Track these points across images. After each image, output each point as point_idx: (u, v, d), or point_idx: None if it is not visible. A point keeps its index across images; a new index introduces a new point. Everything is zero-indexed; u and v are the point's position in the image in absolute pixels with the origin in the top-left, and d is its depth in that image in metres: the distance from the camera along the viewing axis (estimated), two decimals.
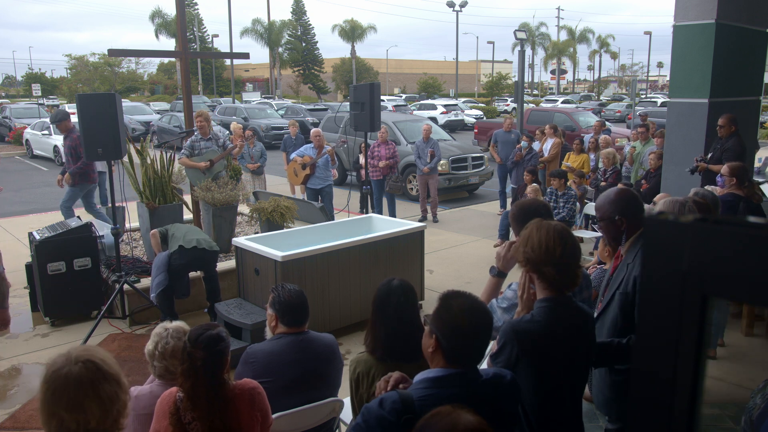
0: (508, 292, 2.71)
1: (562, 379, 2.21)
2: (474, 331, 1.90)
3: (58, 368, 1.65)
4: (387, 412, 1.79)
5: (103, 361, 1.71)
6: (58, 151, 17.96)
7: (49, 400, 1.61)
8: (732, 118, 6.40)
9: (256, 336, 4.80)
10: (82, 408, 1.60)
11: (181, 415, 2.35)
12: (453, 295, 1.97)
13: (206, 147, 7.20)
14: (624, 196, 2.77)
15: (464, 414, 1.47)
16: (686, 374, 0.63)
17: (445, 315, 1.92)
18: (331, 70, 63.38)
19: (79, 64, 48.51)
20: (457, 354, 1.90)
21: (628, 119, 26.46)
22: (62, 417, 1.60)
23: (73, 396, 1.60)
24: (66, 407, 1.60)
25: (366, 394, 2.45)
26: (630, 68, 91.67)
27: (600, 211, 2.78)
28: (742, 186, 5.13)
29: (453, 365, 1.89)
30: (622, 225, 2.70)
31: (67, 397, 1.60)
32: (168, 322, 2.82)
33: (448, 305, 1.93)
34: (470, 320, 1.89)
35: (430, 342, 1.94)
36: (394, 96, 48.52)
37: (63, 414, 1.60)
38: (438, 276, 7.23)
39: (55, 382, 1.62)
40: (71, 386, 1.61)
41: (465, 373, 1.89)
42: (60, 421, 1.60)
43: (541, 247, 2.14)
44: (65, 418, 1.60)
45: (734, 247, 0.59)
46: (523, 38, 19.56)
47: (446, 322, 1.90)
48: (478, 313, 1.92)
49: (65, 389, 1.61)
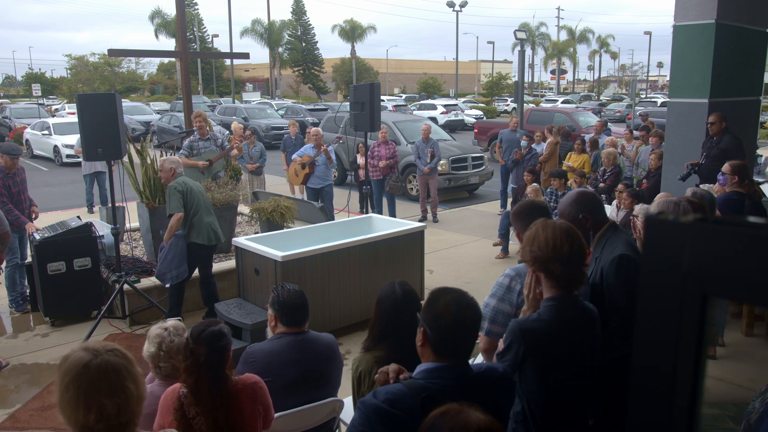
0: (501, 278, 2.73)
1: (569, 377, 2.21)
2: (459, 325, 1.90)
3: (89, 360, 1.69)
4: (381, 402, 1.81)
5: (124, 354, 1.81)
6: (58, 152, 17.99)
7: (87, 391, 1.66)
8: (722, 116, 6.42)
9: (256, 336, 4.80)
10: (123, 390, 1.68)
11: (186, 410, 2.39)
12: (442, 291, 1.98)
13: (205, 147, 7.21)
14: (584, 195, 2.89)
15: (474, 412, 1.46)
16: (686, 374, 0.63)
17: (432, 309, 1.93)
18: (331, 70, 63.38)
19: (79, 64, 48.52)
20: (444, 347, 1.90)
21: (628, 119, 26.46)
22: (103, 404, 1.65)
23: (115, 381, 1.68)
24: (108, 393, 1.66)
25: (368, 393, 2.45)
26: (630, 68, 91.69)
27: (564, 214, 2.85)
28: (743, 184, 5.15)
29: (441, 358, 1.90)
30: (587, 222, 2.80)
31: (108, 383, 1.67)
32: (163, 322, 2.84)
33: (435, 299, 1.95)
34: (456, 313, 1.89)
35: (420, 335, 1.96)
36: (394, 96, 48.52)
37: (104, 401, 1.66)
38: (438, 276, 7.23)
39: (90, 373, 1.67)
40: (111, 373, 1.68)
41: (454, 366, 1.90)
42: (100, 409, 1.65)
43: (548, 246, 2.14)
44: (107, 404, 1.66)
45: (734, 247, 0.59)
46: (523, 38, 19.58)
47: (433, 316, 1.91)
48: (464, 307, 1.92)
49: (106, 376, 1.67)
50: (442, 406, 1.51)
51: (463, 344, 1.94)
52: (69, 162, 16.99)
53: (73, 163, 16.22)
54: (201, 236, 5.48)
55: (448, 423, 1.46)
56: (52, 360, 5.16)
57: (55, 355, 5.23)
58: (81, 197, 11.30)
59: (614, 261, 2.65)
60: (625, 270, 2.63)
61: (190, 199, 5.43)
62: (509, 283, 2.69)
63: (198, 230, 5.47)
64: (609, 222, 2.86)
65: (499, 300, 2.68)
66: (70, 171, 16.04)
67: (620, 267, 2.63)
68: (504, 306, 2.67)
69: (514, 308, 2.65)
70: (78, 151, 10.42)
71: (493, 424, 1.44)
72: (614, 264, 2.65)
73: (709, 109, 6.72)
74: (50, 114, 28.04)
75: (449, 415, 1.47)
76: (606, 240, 2.77)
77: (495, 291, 2.72)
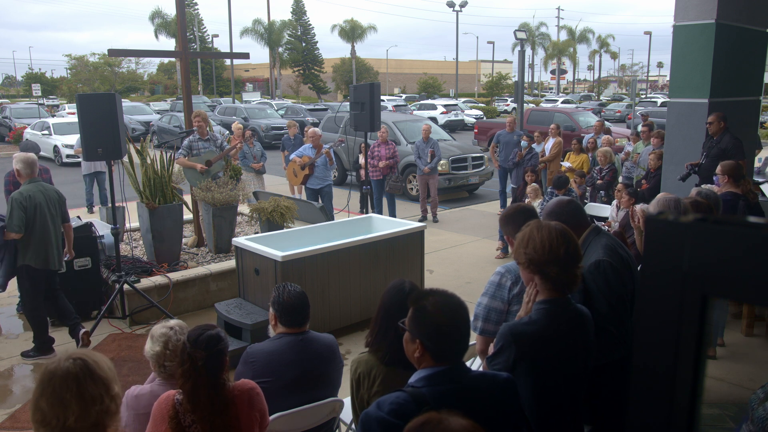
0: (492, 276, 2.74)
1: (561, 381, 2.19)
2: (456, 326, 1.89)
3: (51, 363, 1.69)
4: (386, 413, 1.77)
5: (95, 363, 1.73)
6: (58, 151, 17.99)
7: (36, 393, 1.65)
8: (721, 116, 6.42)
9: (256, 336, 4.80)
10: (62, 403, 1.63)
11: (181, 418, 2.34)
12: (423, 296, 1.95)
13: (204, 147, 7.20)
14: (560, 202, 2.87)
15: (454, 418, 1.42)
16: (686, 374, 0.63)
17: (423, 318, 1.90)
18: (331, 70, 63.38)
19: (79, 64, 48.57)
20: (444, 351, 1.89)
21: (628, 119, 26.47)
22: (44, 410, 1.62)
23: (58, 390, 1.63)
24: (48, 401, 1.62)
25: (367, 394, 2.44)
26: (630, 68, 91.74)
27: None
28: (737, 184, 5.15)
29: (440, 363, 1.89)
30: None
31: (51, 391, 1.63)
32: (166, 321, 2.82)
33: (422, 307, 1.91)
34: (450, 316, 1.89)
35: (414, 347, 1.92)
36: (394, 96, 48.50)
37: (44, 407, 1.62)
38: (438, 276, 7.23)
39: (43, 376, 1.66)
40: (56, 380, 1.64)
41: (453, 369, 1.89)
42: (42, 415, 1.62)
43: (544, 247, 2.12)
44: (46, 412, 1.62)
45: (734, 247, 0.59)
46: (523, 38, 19.57)
47: (427, 325, 1.89)
48: (454, 308, 1.91)
49: (50, 383, 1.64)
50: (421, 416, 1.44)
51: (461, 345, 1.93)
52: (69, 162, 17.00)
53: (72, 163, 16.23)
54: (38, 258, 4.93)
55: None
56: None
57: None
58: (81, 197, 11.30)
59: (591, 267, 2.64)
60: (602, 275, 2.62)
61: (34, 215, 4.90)
62: (499, 279, 2.70)
63: (35, 251, 4.94)
64: (591, 226, 2.85)
65: (490, 297, 2.69)
66: (70, 171, 16.04)
67: (597, 273, 2.62)
68: (496, 303, 2.68)
69: (505, 304, 2.67)
70: (78, 151, 10.42)
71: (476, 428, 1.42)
72: (591, 270, 2.63)
73: (709, 109, 6.71)
74: (50, 114, 28.02)
75: (431, 424, 1.42)
76: (588, 244, 2.75)
77: (486, 289, 2.73)
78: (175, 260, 6.71)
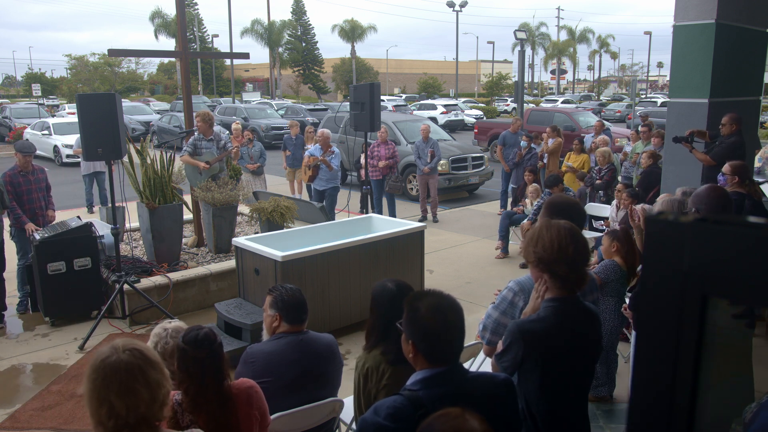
0: (505, 291, 2.71)
1: (568, 379, 2.20)
2: (447, 328, 1.88)
3: (107, 357, 1.70)
4: (383, 418, 1.78)
5: (147, 349, 1.78)
6: (58, 151, 17.99)
7: (100, 387, 1.66)
8: (734, 118, 6.39)
9: (256, 336, 4.80)
10: (132, 392, 1.67)
11: (179, 418, 2.34)
12: (418, 297, 1.95)
13: (207, 147, 7.21)
14: (552, 201, 2.86)
15: (471, 419, 1.46)
16: (686, 374, 0.63)
17: (415, 319, 1.90)
18: (331, 70, 63.36)
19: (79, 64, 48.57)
20: (436, 353, 1.89)
21: (628, 119, 26.46)
22: (113, 403, 1.65)
23: (125, 381, 1.67)
24: (117, 393, 1.65)
25: (375, 389, 2.43)
26: (630, 68, 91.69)
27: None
28: (743, 184, 5.15)
29: (435, 365, 1.88)
30: None
31: (118, 383, 1.66)
32: (167, 322, 2.82)
33: (415, 308, 1.91)
34: (441, 318, 1.88)
35: (408, 348, 1.92)
36: (394, 96, 48.49)
37: (114, 400, 1.65)
38: (438, 276, 7.23)
39: (105, 370, 1.68)
40: (122, 372, 1.67)
41: (448, 371, 1.89)
42: (110, 407, 1.65)
43: (554, 246, 2.13)
44: (116, 404, 1.65)
45: (734, 247, 0.59)
46: (523, 38, 19.59)
47: (418, 326, 1.88)
48: (447, 309, 1.90)
49: (116, 375, 1.67)
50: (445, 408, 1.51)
51: (455, 346, 1.92)
52: (69, 162, 17.00)
53: (72, 163, 16.22)
54: None
55: (443, 425, 1.47)
56: (52, 360, 5.16)
57: (55, 355, 5.23)
58: (81, 197, 11.30)
59: None
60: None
61: None
62: (512, 298, 2.64)
63: None
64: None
65: (501, 313, 2.64)
66: (69, 171, 16.03)
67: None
68: (506, 320, 2.63)
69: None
70: (77, 152, 10.42)
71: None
72: None
73: (709, 109, 6.71)
74: (50, 114, 28.02)
75: (447, 417, 1.48)
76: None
77: (498, 303, 2.68)
78: (175, 260, 6.71)
